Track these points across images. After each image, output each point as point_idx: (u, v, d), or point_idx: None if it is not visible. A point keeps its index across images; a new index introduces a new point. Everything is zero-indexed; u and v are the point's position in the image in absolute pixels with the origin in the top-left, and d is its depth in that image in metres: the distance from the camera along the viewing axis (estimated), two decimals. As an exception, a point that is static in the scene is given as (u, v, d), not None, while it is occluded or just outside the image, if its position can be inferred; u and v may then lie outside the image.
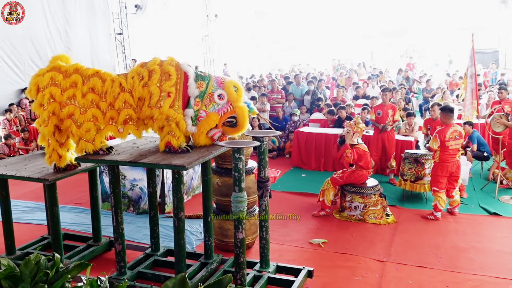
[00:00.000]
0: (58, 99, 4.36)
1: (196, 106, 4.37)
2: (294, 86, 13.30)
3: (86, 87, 4.35)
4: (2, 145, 10.54)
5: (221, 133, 4.50)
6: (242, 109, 4.45)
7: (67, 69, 4.44)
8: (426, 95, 15.63)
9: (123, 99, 4.34)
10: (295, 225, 6.55)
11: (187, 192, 7.70)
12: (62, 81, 4.38)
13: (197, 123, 4.41)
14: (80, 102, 4.33)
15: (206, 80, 4.43)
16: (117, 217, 4.61)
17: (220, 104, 4.41)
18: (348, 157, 6.71)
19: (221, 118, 4.41)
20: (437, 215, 6.71)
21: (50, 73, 4.43)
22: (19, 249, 5.49)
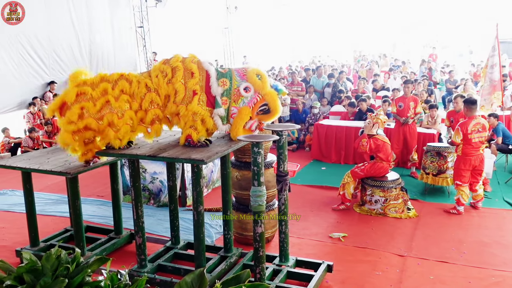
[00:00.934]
0: (92, 111, 4.32)
1: (225, 105, 4.40)
2: (315, 78, 13.20)
3: (117, 90, 4.35)
4: (26, 138, 10.73)
5: (257, 122, 4.52)
6: (271, 94, 4.44)
7: (93, 80, 4.43)
8: (449, 86, 15.36)
9: (150, 99, 4.37)
10: (314, 219, 6.53)
11: (207, 185, 7.73)
12: (92, 93, 4.34)
13: (231, 121, 4.44)
14: (116, 106, 4.33)
15: (228, 77, 4.43)
16: (137, 211, 4.66)
17: (248, 97, 4.42)
18: (363, 145, 6.64)
19: (253, 109, 4.43)
20: (460, 209, 6.61)
21: (77, 89, 4.38)
22: (43, 241, 5.59)
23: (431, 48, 24.96)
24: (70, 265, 2.40)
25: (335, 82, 12.52)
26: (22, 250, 5.33)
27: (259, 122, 4.54)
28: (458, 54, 29.45)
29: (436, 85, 16.17)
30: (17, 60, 12.27)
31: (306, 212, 6.79)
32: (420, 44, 33.18)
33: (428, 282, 4.76)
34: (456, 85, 15.01)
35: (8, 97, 12.02)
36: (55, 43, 13.51)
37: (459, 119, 7.51)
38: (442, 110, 11.94)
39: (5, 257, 5.36)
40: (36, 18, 12.72)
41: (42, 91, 13.12)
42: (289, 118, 11.59)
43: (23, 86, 12.50)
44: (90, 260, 2.48)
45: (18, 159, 5.35)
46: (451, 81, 15.56)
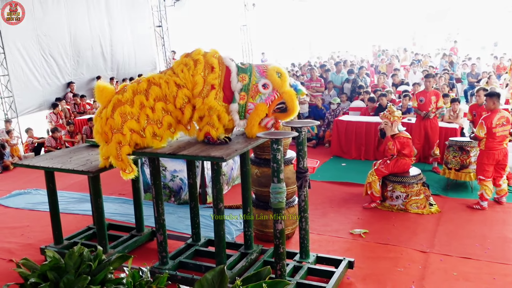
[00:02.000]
0: (137, 129, 4.37)
1: (242, 100, 4.39)
2: (334, 74, 13.13)
3: (151, 99, 4.36)
4: (49, 138, 10.92)
5: (273, 120, 4.51)
6: (289, 93, 4.42)
7: (127, 97, 4.40)
8: (471, 80, 15.10)
9: (183, 96, 4.38)
10: (335, 215, 6.49)
11: (227, 183, 7.75)
12: (132, 110, 4.35)
13: (247, 116, 4.44)
14: (153, 117, 4.36)
15: (248, 72, 4.43)
16: (158, 208, 4.70)
17: (266, 94, 4.41)
18: (390, 149, 6.57)
19: (270, 107, 4.42)
20: (484, 204, 6.49)
21: (117, 110, 4.37)
22: (66, 238, 5.69)
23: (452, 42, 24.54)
24: (93, 263, 2.43)
25: (354, 77, 12.42)
26: (46, 248, 5.42)
27: (275, 120, 4.53)
28: (480, 47, 28.89)
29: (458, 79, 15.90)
30: (39, 62, 12.50)
31: (326, 208, 6.76)
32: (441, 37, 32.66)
33: (451, 279, 4.70)
34: (478, 78, 14.74)
35: (30, 98, 12.26)
36: (76, 44, 13.72)
37: (481, 113, 7.38)
38: (464, 104, 11.75)
39: (30, 255, 5.48)
40: (56, 20, 12.94)
41: (62, 92, 13.33)
42: (308, 114, 11.53)
43: (45, 87, 12.73)
44: (112, 258, 2.51)
45: (41, 159, 5.44)
46: (473, 75, 15.30)
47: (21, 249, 5.85)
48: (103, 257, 2.58)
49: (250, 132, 4.46)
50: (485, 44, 29.38)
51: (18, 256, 5.52)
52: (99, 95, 4.58)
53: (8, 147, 10.50)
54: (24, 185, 8.63)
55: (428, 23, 36.59)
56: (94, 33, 14.38)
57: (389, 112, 6.75)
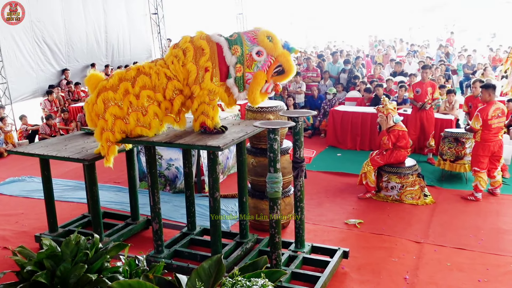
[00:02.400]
0: (120, 115, 4.34)
1: (239, 72, 4.33)
2: (331, 64, 13.08)
3: (137, 87, 4.33)
4: (43, 125, 10.86)
5: (273, 84, 4.48)
6: (284, 55, 4.38)
7: (112, 83, 4.39)
8: (467, 71, 15.10)
9: (172, 88, 4.35)
10: (330, 205, 6.51)
11: (223, 172, 7.75)
12: (115, 96, 4.35)
13: (247, 87, 4.38)
14: (137, 104, 4.32)
15: (239, 43, 4.35)
16: (154, 197, 4.69)
17: (262, 61, 4.35)
18: (385, 144, 6.58)
19: (268, 73, 4.37)
20: (478, 196, 6.53)
21: (101, 96, 4.37)
22: (61, 226, 5.67)
23: (448, 33, 24.51)
24: (89, 251, 2.43)
25: (351, 68, 12.38)
26: (41, 236, 5.41)
27: (274, 83, 4.49)
28: (477, 38, 28.88)
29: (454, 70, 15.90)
30: (33, 48, 12.36)
31: (322, 198, 6.78)
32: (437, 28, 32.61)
33: (445, 269, 4.73)
34: (474, 70, 14.75)
35: (25, 85, 12.15)
36: (70, 31, 13.57)
37: (477, 104, 7.39)
38: (460, 96, 11.77)
39: (25, 242, 5.47)
40: (51, 6, 12.77)
41: (57, 79, 13.22)
42: (304, 104, 11.50)
43: (39, 74, 12.61)
44: (109, 246, 2.50)
45: (36, 146, 5.41)
46: (468, 66, 15.30)
47: (15, 237, 5.83)
48: (100, 245, 2.57)
49: (253, 101, 4.41)
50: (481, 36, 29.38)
51: (13, 244, 5.51)
52: (88, 81, 4.60)
53: (2, 134, 10.43)
54: (18, 173, 8.59)
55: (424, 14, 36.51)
56: (88, 20, 14.22)
57: (382, 105, 6.76)
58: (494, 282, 4.48)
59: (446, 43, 20.03)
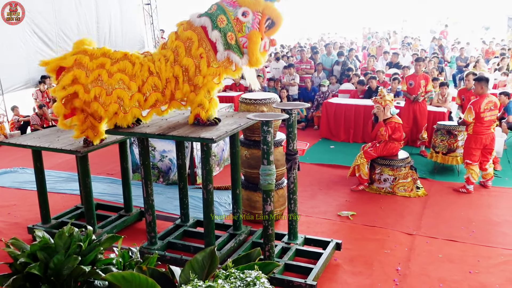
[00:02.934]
0: (83, 81, 4.26)
1: (232, 40, 4.24)
2: (325, 56, 13.07)
3: (115, 67, 4.27)
4: (33, 115, 10.77)
5: (268, 40, 4.38)
6: (269, 7, 4.26)
7: (94, 52, 4.36)
8: (460, 64, 15.15)
9: (152, 83, 4.30)
10: (323, 197, 6.53)
11: (219, 164, 7.73)
12: (88, 63, 4.28)
13: (245, 51, 4.28)
14: (107, 82, 4.24)
15: (221, 12, 4.24)
16: (147, 189, 4.69)
17: (250, 20, 4.24)
18: (383, 135, 6.59)
19: (260, 29, 4.26)
20: (470, 188, 6.58)
21: (76, 56, 4.33)
22: (54, 218, 5.66)
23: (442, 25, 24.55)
24: (83, 243, 2.42)
25: (344, 60, 12.38)
26: (34, 227, 5.40)
27: (269, 39, 4.40)
28: (470, 31, 28.96)
29: (447, 62, 15.95)
30: (23, 38, 12.21)
31: (315, 190, 6.80)
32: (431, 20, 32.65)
33: (437, 261, 4.77)
34: (467, 62, 14.80)
35: (16, 76, 12.00)
36: (61, 21, 13.41)
37: (470, 97, 7.43)
38: (453, 88, 11.81)
39: (17, 234, 5.46)
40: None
41: (49, 69, 13.10)
42: (298, 97, 11.51)
43: (30, 65, 12.46)
44: (102, 238, 2.50)
45: (29, 138, 5.37)
46: (462, 59, 15.35)
47: (8, 228, 5.81)
48: (93, 237, 2.57)
49: (256, 63, 4.31)
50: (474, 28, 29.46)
51: (5, 235, 5.49)
52: (76, 42, 4.53)
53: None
54: (10, 164, 8.54)
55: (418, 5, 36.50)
56: (80, 10, 14.06)
57: (380, 97, 6.75)
58: (485, 273, 4.52)
59: (439, 36, 20.06)
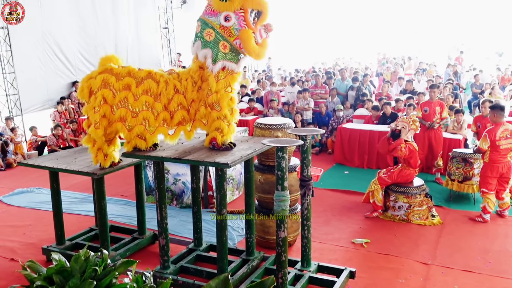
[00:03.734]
0: (110, 101, 4.39)
1: (226, 49, 4.25)
2: (339, 80, 13.12)
3: (140, 89, 4.35)
4: (50, 136, 10.93)
5: (261, 28, 4.30)
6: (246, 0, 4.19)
7: (119, 71, 4.45)
8: (475, 90, 15.08)
9: (178, 101, 4.37)
10: (337, 224, 6.49)
11: (238, 188, 7.72)
12: (115, 84, 4.39)
13: (243, 50, 4.27)
14: (133, 105, 4.35)
15: (205, 26, 4.26)
16: (161, 212, 4.71)
17: (235, 21, 4.20)
18: (402, 151, 6.53)
19: (248, 25, 4.21)
20: (486, 217, 6.49)
21: (102, 75, 4.44)
22: (69, 239, 5.70)
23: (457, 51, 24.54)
24: (98, 267, 2.44)
25: (359, 85, 12.41)
26: (48, 248, 5.44)
27: (262, 26, 4.32)
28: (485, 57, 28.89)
29: (462, 89, 15.89)
30: (44, 60, 12.54)
31: (329, 216, 6.76)
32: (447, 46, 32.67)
33: (452, 292, 4.70)
34: (482, 89, 14.73)
35: (35, 97, 12.29)
36: (81, 43, 13.76)
37: (486, 124, 7.38)
38: (468, 115, 11.74)
39: (32, 254, 5.51)
40: (62, 19, 12.97)
41: (67, 91, 13.37)
42: (312, 121, 11.54)
43: (49, 86, 12.77)
44: (117, 263, 2.51)
45: (47, 159, 5.46)
46: (477, 85, 15.29)
47: (23, 248, 5.86)
48: (108, 261, 2.59)
49: (257, 56, 4.29)
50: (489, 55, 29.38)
51: (20, 256, 5.55)
52: (103, 59, 4.64)
53: (12, 145, 10.53)
54: (27, 183, 8.66)
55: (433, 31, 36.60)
56: (99, 33, 14.41)
57: (412, 119, 6.75)
58: (502, 306, 4.44)
59: (454, 62, 20.03)
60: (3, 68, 11.32)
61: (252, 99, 12.26)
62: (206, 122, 4.47)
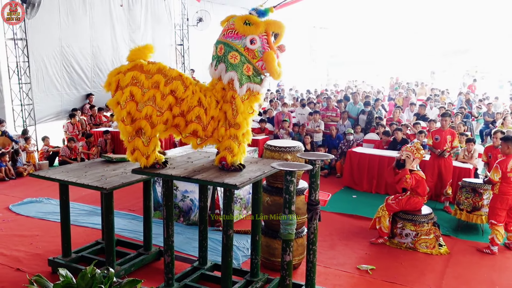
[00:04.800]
0: (137, 99, 4.32)
1: (249, 71, 4.34)
2: (351, 104, 13.13)
3: (168, 88, 4.34)
4: (64, 147, 11.06)
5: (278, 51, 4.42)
6: (270, 23, 4.33)
7: (150, 68, 4.39)
8: (487, 119, 15.01)
9: (197, 113, 4.38)
10: (343, 249, 6.45)
11: (246, 207, 7.72)
12: (144, 81, 4.32)
13: (265, 72, 4.38)
14: (160, 104, 4.32)
15: (230, 49, 4.33)
16: (168, 230, 4.73)
17: (259, 44, 4.31)
18: (407, 182, 6.52)
19: (271, 48, 4.33)
20: (494, 249, 6.42)
21: (132, 73, 4.36)
22: (75, 251, 5.72)
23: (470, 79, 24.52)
24: (104, 285, 2.46)
25: (370, 109, 12.42)
26: (54, 260, 5.47)
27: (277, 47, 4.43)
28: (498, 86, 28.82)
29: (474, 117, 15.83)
30: (60, 72, 12.73)
31: (335, 241, 6.73)
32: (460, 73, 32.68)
33: (457, 324, 4.64)
34: (494, 118, 14.67)
35: (49, 107, 12.46)
36: (97, 57, 13.96)
37: (497, 155, 7.35)
38: (479, 144, 11.68)
39: (38, 265, 5.54)
40: (80, 33, 13.19)
41: (81, 103, 13.53)
42: (322, 143, 11.53)
43: (63, 97, 12.94)
44: (123, 282, 2.54)
45: (57, 171, 5.52)
46: (489, 114, 15.22)
47: (29, 259, 5.90)
48: (114, 279, 2.61)
49: (277, 77, 4.40)
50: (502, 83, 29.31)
51: (26, 266, 5.58)
52: (134, 51, 4.57)
53: (24, 153, 10.65)
54: (36, 193, 8.73)
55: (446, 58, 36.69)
56: (115, 48, 14.62)
57: (415, 148, 6.74)
58: None
59: (467, 90, 20.01)
60: (20, 78, 11.49)
61: (263, 120, 12.32)
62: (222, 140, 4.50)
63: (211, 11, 18.00)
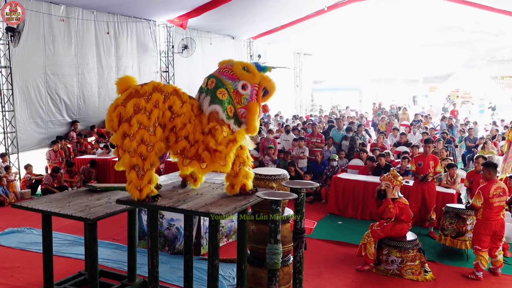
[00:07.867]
0: (146, 124, 4.26)
1: (231, 113, 4.35)
2: (335, 130, 13.23)
3: (166, 104, 4.33)
4: (47, 176, 10.93)
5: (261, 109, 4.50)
6: (264, 79, 4.42)
7: (145, 90, 4.35)
8: (469, 144, 15.25)
9: (187, 132, 4.36)
10: (329, 277, 6.43)
11: (228, 235, 7.68)
12: (146, 105, 4.28)
13: (243, 120, 4.40)
14: (161, 121, 4.32)
15: (220, 85, 4.37)
16: (153, 260, 4.66)
17: (249, 92, 4.38)
18: (391, 212, 6.56)
19: (258, 100, 4.40)
20: (479, 275, 6.45)
21: (132, 101, 4.30)
22: (57, 283, 5.62)
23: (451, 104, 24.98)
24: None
25: (353, 135, 12.51)
26: (35, 293, 5.35)
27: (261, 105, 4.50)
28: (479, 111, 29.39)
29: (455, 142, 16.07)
30: (45, 100, 12.66)
31: (321, 268, 6.71)
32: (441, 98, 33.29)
33: None
34: (476, 143, 14.90)
35: (32, 135, 12.32)
36: (83, 84, 13.92)
37: (479, 180, 7.45)
38: (462, 169, 11.83)
39: (19, 299, 5.40)
40: (66, 60, 13.19)
41: (66, 130, 13.43)
42: (307, 169, 11.57)
43: (48, 125, 12.83)
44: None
45: (40, 202, 5.45)
46: (470, 139, 15.47)
47: (9, 292, 5.77)
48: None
49: (253, 131, 4.41)
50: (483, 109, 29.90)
51: (6, 299, 5.45)
52: (119, 82, 4.53)
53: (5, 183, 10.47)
54: (18, 223, 8.57)
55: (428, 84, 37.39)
56: (101, 75, 14.61)
57: (392, 176, 6.81)
58: None
59: (449, 115, 20.35)
60: (3, 106, 11.40)
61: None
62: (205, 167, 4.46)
63: (196, 38, 18.19)
